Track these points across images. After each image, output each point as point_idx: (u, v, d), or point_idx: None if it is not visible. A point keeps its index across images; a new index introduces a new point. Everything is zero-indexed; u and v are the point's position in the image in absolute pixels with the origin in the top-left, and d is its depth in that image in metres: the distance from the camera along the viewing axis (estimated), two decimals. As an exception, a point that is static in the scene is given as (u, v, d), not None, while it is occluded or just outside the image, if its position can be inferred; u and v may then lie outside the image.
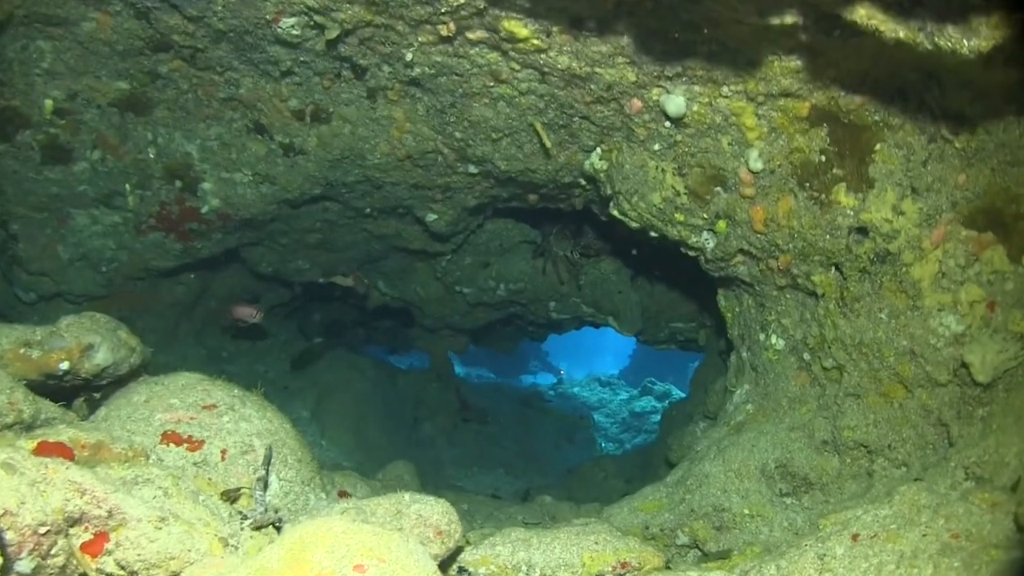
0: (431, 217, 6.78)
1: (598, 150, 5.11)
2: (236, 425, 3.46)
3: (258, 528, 2.89)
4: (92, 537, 2.42)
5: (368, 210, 6.82)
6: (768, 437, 4.63)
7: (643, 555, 3.19)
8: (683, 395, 18.08)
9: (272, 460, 3.41)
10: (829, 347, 4.43)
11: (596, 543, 3.20)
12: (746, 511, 4.34)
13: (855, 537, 3.07)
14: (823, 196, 4.16)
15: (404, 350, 12.27)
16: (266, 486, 3.28)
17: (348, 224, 7.23)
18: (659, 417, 16.56)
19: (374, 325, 11.04)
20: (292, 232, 7.21)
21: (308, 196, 6.36)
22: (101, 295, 6.68)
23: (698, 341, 8.76)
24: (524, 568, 3.12)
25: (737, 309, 5.43)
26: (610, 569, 3.14)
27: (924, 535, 2.92)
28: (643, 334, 8.66)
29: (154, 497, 2.59)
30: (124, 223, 6.29)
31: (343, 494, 4.48)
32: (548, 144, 5.02)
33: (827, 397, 4.54)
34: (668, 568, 3.37)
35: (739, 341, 5.41)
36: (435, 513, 2.88)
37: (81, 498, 2.36)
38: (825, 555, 3.03)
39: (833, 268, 4.37)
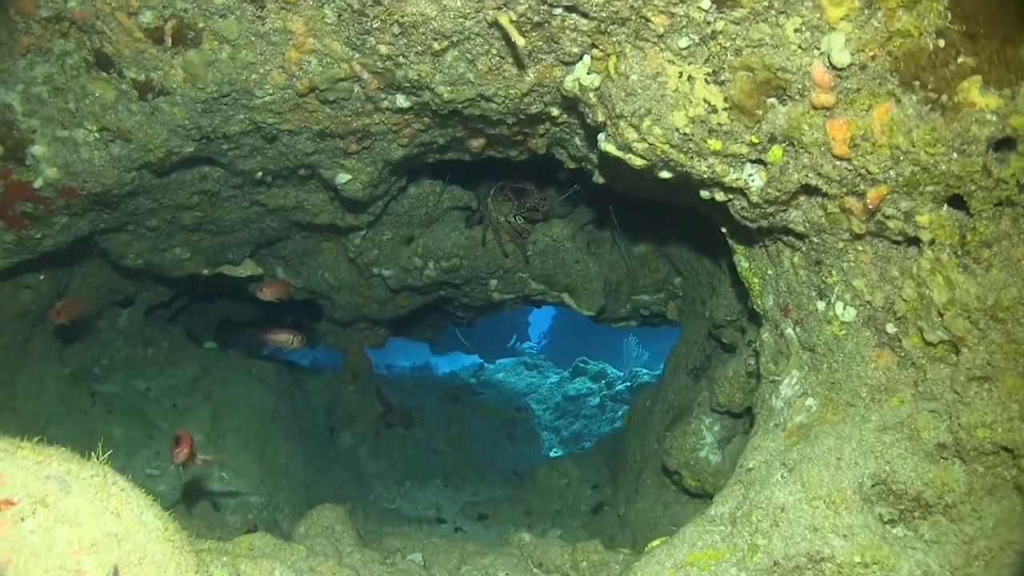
0: (343, 178, 5.21)
1: (586, 59, 3.66)
2: (50, 535, 1.86)
3: None
4: None
5: (260, 173, 5.25)
6: (853, 443, 3.31)
7: None
8: (620, 373, 17.00)
9: (123, 591, 1.85)
10: (940, 314, 3.14)
11: None
12: (856, 558, 3.00)
13: None
14: (944, 98, 2.84)
15: (310, 345, 10.69)
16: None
17: (234, 195, 5.66)
18: (597, 400, 15.44)
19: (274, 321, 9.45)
20: (162, 210, 5.60)
21: (178, 157, 4.79)
22: (-84, 308, 5.11)
23: (667, 315, 7.47)
24: None
25: (770, 272, 4.10)
26: None
27: None
28: (602, 311, 7.30)
29: None
30: (-68, 211, 4.69)
31: (255, 590, 2.94)
32: (520, 43, 3.50)
33: (931, 382, 3.26)
34: None
35: (777, 314, 4.08)
36: None
37: None
38: None
39: (945, 205, 3.07)
